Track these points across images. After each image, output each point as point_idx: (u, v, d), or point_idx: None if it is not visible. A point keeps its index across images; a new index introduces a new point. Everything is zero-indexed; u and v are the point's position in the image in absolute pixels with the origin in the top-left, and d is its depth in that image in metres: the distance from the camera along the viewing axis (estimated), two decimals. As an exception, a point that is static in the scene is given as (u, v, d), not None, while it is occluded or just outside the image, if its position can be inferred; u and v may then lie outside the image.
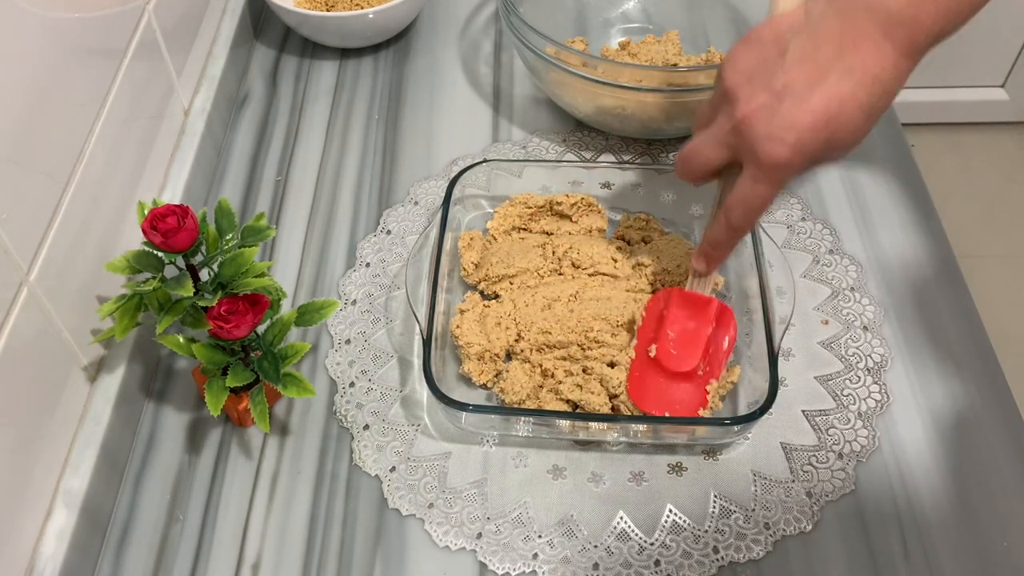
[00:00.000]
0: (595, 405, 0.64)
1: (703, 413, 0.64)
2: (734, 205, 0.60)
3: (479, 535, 0.62)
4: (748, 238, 0.69)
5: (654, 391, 0.65)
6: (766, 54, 0.56)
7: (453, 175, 0.75)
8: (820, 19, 0.54)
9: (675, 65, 0.86)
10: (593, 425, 0.64)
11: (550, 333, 0.68)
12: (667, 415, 0.64)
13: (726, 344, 0.66)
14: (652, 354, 0.66)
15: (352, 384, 0.70)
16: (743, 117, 0.56)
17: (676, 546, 0.61)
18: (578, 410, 0.65)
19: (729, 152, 0.59)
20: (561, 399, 0.64)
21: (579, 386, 0.65)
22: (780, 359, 0.63)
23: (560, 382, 0.65)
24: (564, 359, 0.68)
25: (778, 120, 0.54)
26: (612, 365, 0.66)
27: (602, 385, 0.65)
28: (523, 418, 0.63)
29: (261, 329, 0.63)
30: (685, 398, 0.65)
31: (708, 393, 0.65)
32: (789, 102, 0.54)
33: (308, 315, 0.64)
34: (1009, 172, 2.01)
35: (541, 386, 0.66)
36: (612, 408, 0.65)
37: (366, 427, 0.67)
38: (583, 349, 0.68)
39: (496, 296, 0.73)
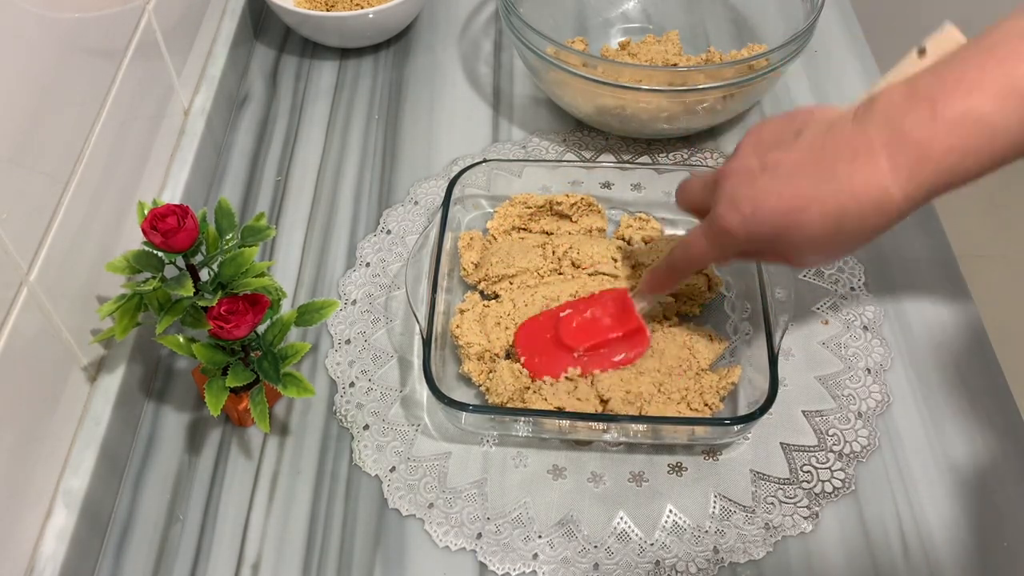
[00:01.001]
0: (581, 410, 0.64)
1: (547, 380, 0.66)
2: (679, 247, 0.61)
3: (479, 535, 0.62)
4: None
5: (536, 336, 0.68)
6: (786, 131, 0.54)
7: (453, 175, 0.75)
8: (839, 120, 0.52)
9: (675, 65, 0.86)
10: (590, 425, 0.64)
11: (549, 334, 0.68)
12: (522, 359, 0.67)
13: (619, 358, 0.67)
14: (562, 315, 0.68)
15: (352, 384, 0.70)
16: (725, 171, 0.56)
17: (676, 546, 0.61)
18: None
19: (709, 197, 0.58)
20: (548, 403, 0.64)
21: (568, 392, 0.65)
22: (780, 359, 0.63)
23: (550, 385, 0.65)
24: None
25: (746, 189, 0.54)
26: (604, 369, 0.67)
27: (593, 387, 0.65)
28: (521, 418, 0.63)
29: (261, 329, 0.63)
30: (547, 359, 0.67)
31: (564, 373, 0.66)
32: (767, 178, 0.53)
33: (308, 315, 0.64)
34: (1009, 172, 2.00)
35: (528, 387, 0.66)
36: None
37: (366, 427, 0.67)
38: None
39: (496, 296, 0.73)
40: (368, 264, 0.78)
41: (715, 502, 0.63)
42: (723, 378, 0.65)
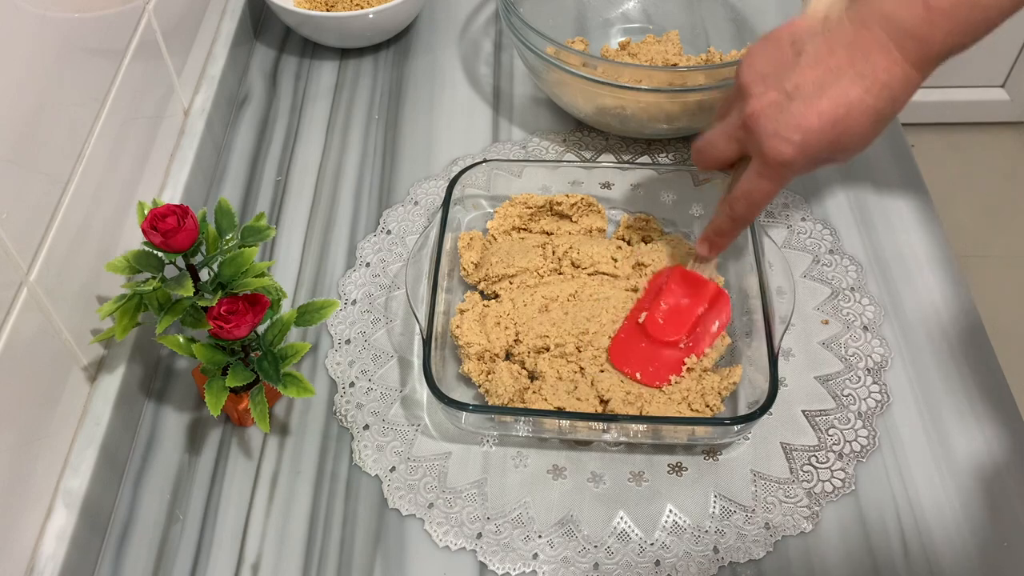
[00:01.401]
0: (581, 410, 0.64)
1: (673, 380, 0.66)
2: (738, 197, 0.62)
3: (479, 535, 0.62)
4: (748, 238, 0.69)
5: (633, 352, 0.67)
6: (782, 55, 0.57)
7: (453, 175, 0.75)
8: (837, 25, 0.55)
9: (675, 65, 0.86)
10: (590, 425, 0.64)
11: (547, 336, 0.68)
12: (637, 375, 0.66)
13: (715, 327, 0.68)
14: (641, 320, 0.68)
15: (352, 384, 0.70)
16: (752, 113, 0.58)
17: (676, 546, 0.61)
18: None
19: (738, 146, 0.61)
20: (547, 403, 0.64)
21: (568, 392, 0.65)
22: (780, 359, 0.63)
23: (549, 385, 0.65)
24: (560, 357, 0.67)
25: (786, 119, 0.56)
26: (604, 370, 0.67)
27: (592, 387, 0.65)
28: (521, 418, 0.63)
29: (261, 329, 0.63)
30: (660, 364, 0.67)
31: (684, 365, 0.66)
32: (798, 102, 0.55)
33: (308, 315, 0.64)
34: (1009, 172, 2.01)
35: (527, 388, 0.66)
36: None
37: (366, 427, 0.67)
38: (579, 350, 0.68)
39: (496, 296, 0.73)
40: (368, 264, 0.78)
41: (715, 502, 0.63)
42: (724, 378, 0.65)
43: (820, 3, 0.58)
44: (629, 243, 0.76)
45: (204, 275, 0.65)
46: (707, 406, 0.65)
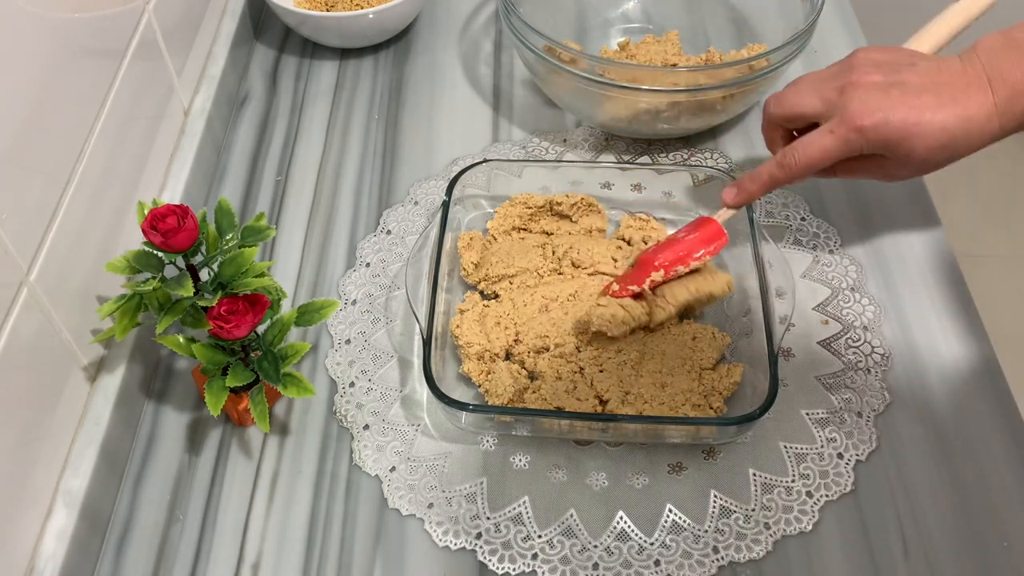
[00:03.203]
0: (580, 410, 0.64)
1: (632, 289, 0.68)
2: (795, 146, 0.65)
3: (479, 535, 0.62)
4: (748, 239, 0.69)
5: (620, 280, 0.70)
6: (899, 57, 0.64)
7: (453, 175, 0.75)
8: (947, 58, 0.63)
9: (675, 65, 0.86)
10: (589, 425, 0.64)
11: (547, 336, 0.68)
12: (614, 288, 0.69)
13: (699, 254, 0.69)
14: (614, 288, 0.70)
15: (352, 384, 0.70)
16: (855, 81, 0.63)
17: (676, 546, 0.61)
18: None
19: (822, 105, 0.64)
20: (547, 403, 0.64)
21: (567, 392, 0.65)
22: (780, 359, 0.63)
23: (549, 385, 0.65)
24: (559, 357, 0.67)
25: (880, 98, 0.61)
26: (603, 370, 0.67)
27: (592, 387, 0.65)
28: (521, 418, 0.63)
29: (261, 329, 0.63)
30: (632, 276, 0.70)
31: (649, 277, 0.68)
32: (897, 91, 0.61)
33: (308, 315, 0.64)
34: (1009, 172, 2.01)
35: (527, 388, 0.66)
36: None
37: (366, 427, 0.67)
38: (579, 350, 0.68)
39: (496, 296, 0.73)
40: (368, 264, 0.78)
41: (715, 502, 0.63)
42: (724, 378, 0.65)
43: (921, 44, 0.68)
44: (629, 243, 0.76)
45: (204, 275, 0.65)
46: (709, 407, 0.65)
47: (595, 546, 0.61)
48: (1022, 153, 2.05)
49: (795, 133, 0.69)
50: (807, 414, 0.67)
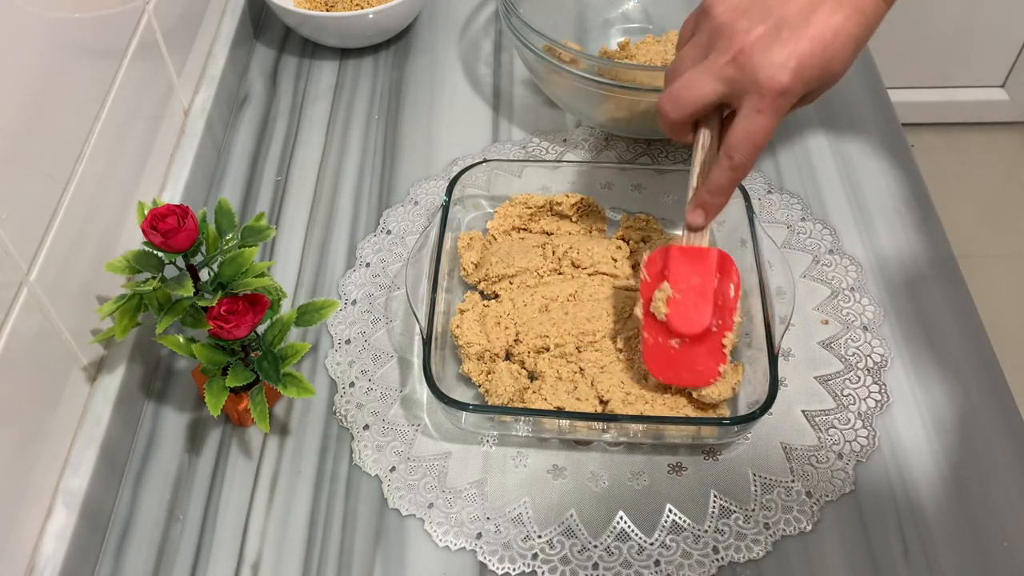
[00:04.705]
0: (581, 410, 0.64)
1: (722, 370, 0.63)
2: (736, 143, 0.60)
3: (479, 535, 0.62)
4: (748, 239, 0.69)
5: (672, 359, 0.64)
6: None
7: (453, 175, 0.75)
8: None
9: (675, 65, 0.86)
10: (590, 425, 0.64)
11: (547, 336, 0.68)
12: (690, 386, 0.64)
13: (732, 292, 0.65)
14: (660, 317, 0.64)
15: (352, 384, 0.70)
16: (743, 47, 0.58)
17: (676, 546, 0.61)
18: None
19: (725, 86, 0.59)
20: (547, 403, 0.64)
21: (567, 392, 0.65)
22: (780, 359, 0.63)
23: (549, 385, 0.65)
24: (560, 357, 0.68)
25: (778, 47, 0.57)
26: (604, 370, 0.66)
27: (592, 387, 0.65)
28: (521, 418, 0.63)
29: (261, 329, 0.63)
30: (703, 359, 0.63)
31: (725, 347, 0.63)
32: (787, 32, 0.57)
33: (308, 315, 0.64)
34: (1009, 172, 2.02)
35: (527, 388, 0.66)
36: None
37: (366, 427, 0.67)
38: (579, 351, 0.68)
39: (496, 296, 0.73)
40: (368, 264, 0.78)
41: (715, 502, 0.63)
42: (734, 374, 0.65)
43: None
44: (629, 243, 0.76)
45: (204, 275, 0.65)
46: (710, 407, 0.65)
47: (595, 546, 0.61)
48: (1022, 153, 2.05)
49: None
50: (807, 414, 0.67)
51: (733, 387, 0.64)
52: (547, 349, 0.68)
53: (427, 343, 0.64)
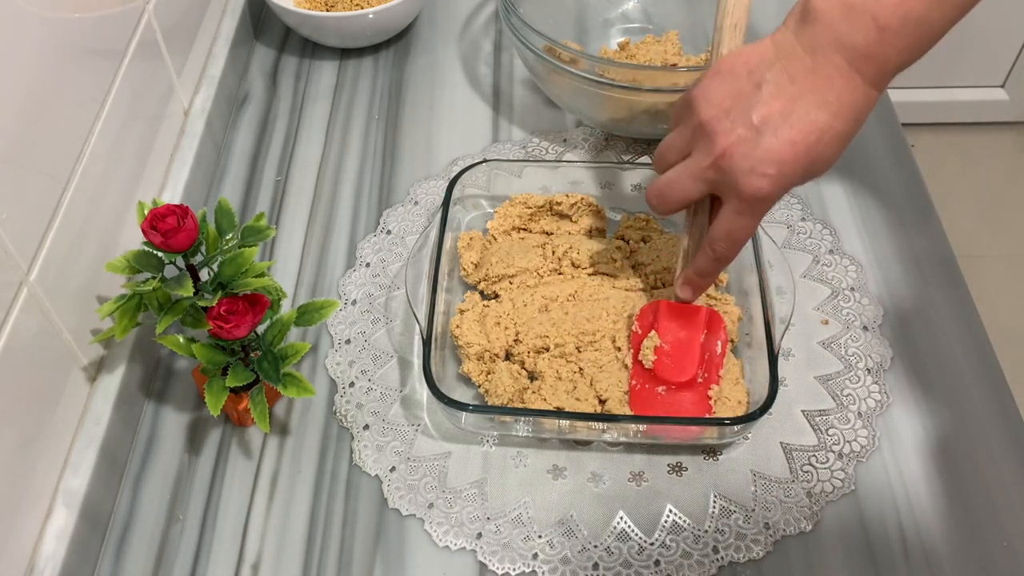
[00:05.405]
0: (580, 410, 0.64)
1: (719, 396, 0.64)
2: (719, 237, 0.60)
3: (479, 535, 0.62)
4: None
5: (658, 406, 0.65)
6: (741, 87, 0.56)
7: (453, 175, 0.75)
8: (791, 53, 0.55)
9: (674, 65, 0.86)
10: (589, 425, 0.64)
11: (547, 336, 0.68)
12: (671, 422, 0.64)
13: (719, 348, 0.66)
14: (648, 365, 0.65)
15: (352, 384, 0.70)
16: (723, 152, 0.56)
17: (676, 546, 0.61)
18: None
19: (708, 187, 0.59)
20: (547, 403, 0.64)
21: (567, 392, 0.65)
22: (780, 359, 0.63)
23: (549, 385, 0.65)
24: (559, 357, 0.67)
25: (759, 154, 0.55)
26: (603, 370, 0.66)
27: (592, 387, 0.65)
28: (521, 418, 0.63)
29: (261, 329, 0.63)
30: (687, 408, 0.65)
31: (711, 399, 0.64)
32: (769, 135, 0.55)
33: (308, 315, 0.64)
34: (1009, 172, 2.01)
35: (527, 388, 0.66)
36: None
37: (366, 427, 0.67)
38: (579, 351, 0.68)
39: (496, 296, 0.73)
40: (368, 264, 0.78)
41: (715, 502, 0.63)
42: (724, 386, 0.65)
43: (734, 43, 0.62)
44: (629, 243, 0.76)
45: (204, 275, 0.65)
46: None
47: (595, 546, 0.61)
48: (1022, 153, 2.05)
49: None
50: (807, 414, 0.67)
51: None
52: (547, 349, 0.68)
53: (427, 343, 0.64)
